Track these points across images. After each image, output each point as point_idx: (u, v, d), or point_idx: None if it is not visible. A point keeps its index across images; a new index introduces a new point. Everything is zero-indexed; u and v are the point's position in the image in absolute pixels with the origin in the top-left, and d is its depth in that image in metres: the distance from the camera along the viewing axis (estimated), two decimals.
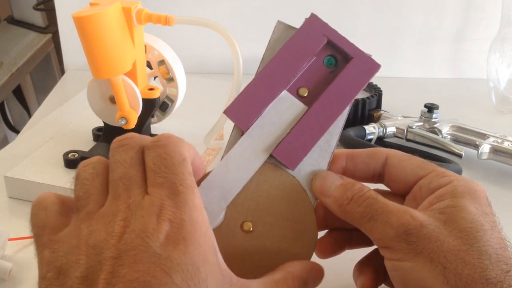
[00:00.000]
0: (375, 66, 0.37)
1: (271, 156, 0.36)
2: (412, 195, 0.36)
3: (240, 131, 0.36)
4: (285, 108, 0.37)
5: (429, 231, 0.31)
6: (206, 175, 0.35)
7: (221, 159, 0.36)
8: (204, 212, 0.29)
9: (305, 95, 0.37)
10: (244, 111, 0.36)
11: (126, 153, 0.30)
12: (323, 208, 0.37)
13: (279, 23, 0.38)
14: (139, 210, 0.27)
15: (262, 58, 0.38)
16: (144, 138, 0.31)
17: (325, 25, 0.37)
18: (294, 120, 0.36)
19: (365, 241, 0.36)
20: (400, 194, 0.37)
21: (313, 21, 0.37)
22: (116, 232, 0.26)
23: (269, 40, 0.38)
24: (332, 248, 0.39)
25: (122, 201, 0.28)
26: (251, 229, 0.35)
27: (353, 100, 0.37)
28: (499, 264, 0.30)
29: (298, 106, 0.37)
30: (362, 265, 0.38)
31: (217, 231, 0.35)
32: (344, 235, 0.39)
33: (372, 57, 0.37)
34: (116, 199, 0.28)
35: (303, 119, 0.36)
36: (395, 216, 0.32)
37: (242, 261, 0.35)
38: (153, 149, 0.29)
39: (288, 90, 0.37)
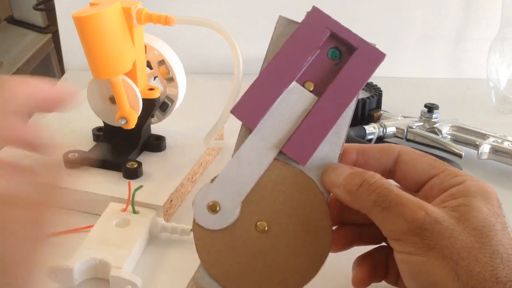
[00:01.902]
0: (380, 56, 0.36)
1: (281, 152, 0.36)
2: (423, 193, 0.36)
3: (248, 129, 0.36)
4: (295, 100, 0.36)
5: (443, 227, 0.31)
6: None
7: (232, 156, 0.36)
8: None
9: (311, 89, 0.37)
10: (250, 109, 0.36)
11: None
12: (338, 204, 0.37)
13: (281, 18, 0.37)
14: None
15: (266, 55, 0.37)
16: None
17: (327, 17, 0.37)
18: (303, 113, 0.36)
19: (375, 238, 0.36)
20: (410, 191, 0.37)
21: (315, 14, 0.37)
22: None
23: (272, 36, 0.37)
24: (341, 243, 0.39)
25: None
26: (266, 228, 0.35)
27: (360, 91, 0.36)
28: (510, 264, 0.31)
29: (308, 97, 0.36)
30: (362, 259, 0.39)
31: (231, 229, 0.35)
32: (355, 230, 0.39)
33: (376, 46, 0.36)
34: None
35: (311, 112, 0.36)
36: (409, 209, 0.32)
37: (254, 261, 0.35)
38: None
39: None
